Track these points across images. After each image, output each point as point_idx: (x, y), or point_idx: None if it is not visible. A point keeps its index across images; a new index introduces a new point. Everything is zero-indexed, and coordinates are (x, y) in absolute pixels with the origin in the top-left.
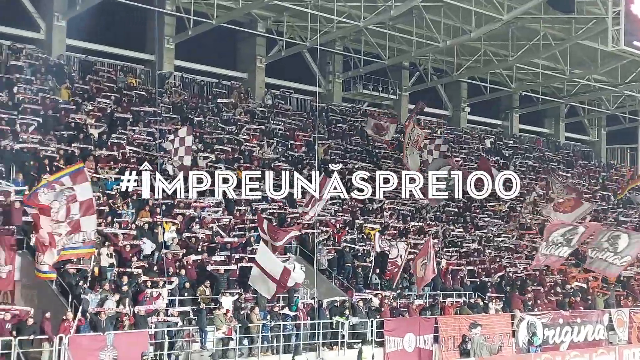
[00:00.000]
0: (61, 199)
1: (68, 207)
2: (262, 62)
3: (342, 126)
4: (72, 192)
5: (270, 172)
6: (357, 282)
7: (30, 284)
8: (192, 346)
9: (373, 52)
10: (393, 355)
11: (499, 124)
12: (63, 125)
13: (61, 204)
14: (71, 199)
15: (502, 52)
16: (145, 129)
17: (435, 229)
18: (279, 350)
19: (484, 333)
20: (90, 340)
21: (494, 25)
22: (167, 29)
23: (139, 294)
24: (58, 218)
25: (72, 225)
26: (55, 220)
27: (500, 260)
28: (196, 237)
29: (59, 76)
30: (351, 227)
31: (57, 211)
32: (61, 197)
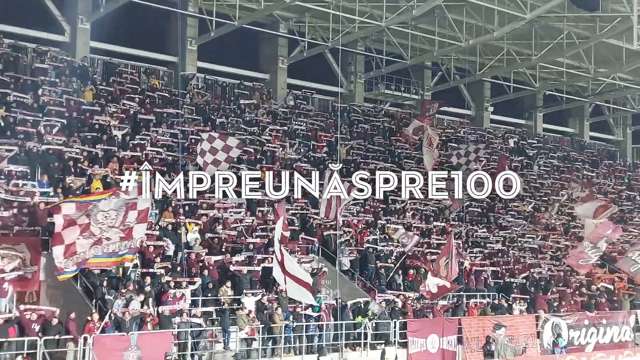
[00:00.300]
0: (121, 207)
1: (126, 214)
2: (284, 63)
3: (364, 126)
4: (134, 200)
5: (270, 173)
6: (380, 282)
7: (55, 284)
8: (215, 346)
9: (395, 52)
10: (416, 356)
11: (522, 123)
12: (87, 126)
13: (119, 212)
14: (131, 206)
15: (526, 51)
16: (168, 130)
17: (459, 229)
18: (301, 350)
19: (508, 334)
20: (114, 341)
21: (517, 24)
22: (190, 31)
23: (163, 295)
24: (115, 224)
25: (126, 232)
26: (111, 226)
27: (525, 261)
28: (219, 237)
29: (83, 78)
30: (373, 228)
31: (114, 218)
32: (121, 204)
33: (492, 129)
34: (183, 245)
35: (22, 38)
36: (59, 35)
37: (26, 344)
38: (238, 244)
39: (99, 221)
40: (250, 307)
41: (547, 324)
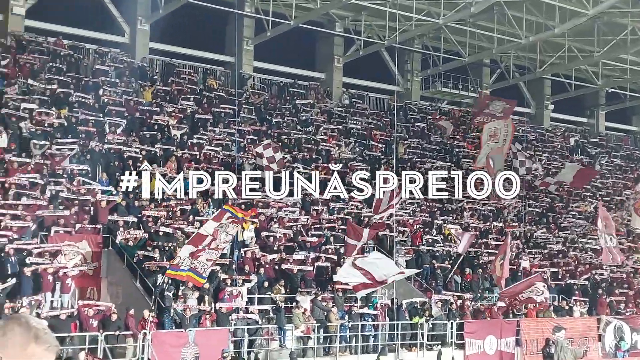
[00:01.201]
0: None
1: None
2: (340, 62)
3: (420, 125)
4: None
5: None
6: (437, 283)
7: (115, 280)
8: (271, 344)
9: (452, 49)
10: (473, 357)
11: (584, 121)
12: (146, 126)
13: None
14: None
15: (588, 48)
16: (225, 129)
17: (517, 229)
18: (357, 350)
19: (569, 337)
20: (172, 337)
21: (578, 20)
22: (246, 31)
23: (219, 292)
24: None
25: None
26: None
27: (586, 263)
28: (274, 236)
29: (142, 78)
30: (430, 228)
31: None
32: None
33: (553, 128)
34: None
35: (83, 39)
36: (118, 37)
37: (87, 339)
38: (293, 242)
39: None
40: (305, 305)
41: (609, 327)
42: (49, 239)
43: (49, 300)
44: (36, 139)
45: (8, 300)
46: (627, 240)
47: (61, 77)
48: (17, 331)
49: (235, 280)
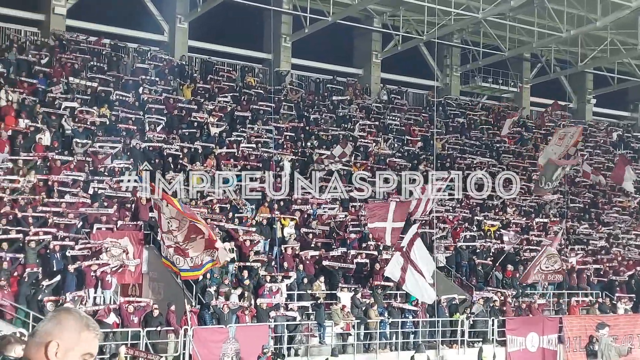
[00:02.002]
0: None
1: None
2: (378, 58)
3: (460, 120)
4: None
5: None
6: (478, 280)
7: (157, 277)
8: (311, 340)
9: (492, 43)
10: (515, 354)
11: (627, 115)
12: (186, 124)
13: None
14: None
15: (631, 41)
16: (263, 127)
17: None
18: (397, 347)
19: (612, 334)
20: (213, 333)
21: (621, 12)
22: (284, 28)
23: (259, 288)
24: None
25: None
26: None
27: (630, 259)
28: (313, 232)
29: (181, 77)
30: (470, 224)
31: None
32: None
33: (595, 122)
34: (278, 239)
35: (123, 38)
36: (158, 35)
37: (129, 335)
38: (332, 238)
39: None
40: (345, 302)
41: None
42: (92, 236)
43: (92, 296)
44: (78, 138)
45: (53, 296)
46: None
47: (102, 76)
48: (72, 319)
49: (275, 277)
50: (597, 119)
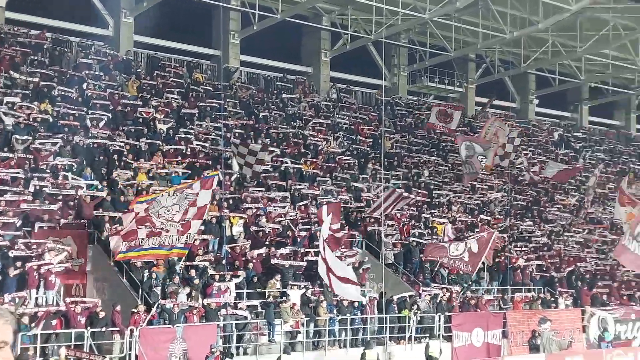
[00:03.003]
0: (183, 203)
1: (187, 210)
2: (327, 56)
3: (408, 120)
4: (194, 198)
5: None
6: (425, 276)
7: (101, 277)
8: (260, 339)
9: (439, 44)
10: (461, 350)
11: (568, 116)
12: (131, 120)
13: (182, 207)
14: (192, 203)
15: (571, 43)
16: (212, 124)
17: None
18: (346, 343)
19: (554, 328)
20: (160, 333)
21: (562, 15)
22: (233, 24)
23: (208, 288)
24: (174, 219)
25: (184, 226)
26: (170, 220)
27: (570, 255)
28: (263, 231)
29: (126, 72)
30: (417, 221)
31: (175, 213)
32: (184, 200)
33: (537, 122)
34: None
35: (66, 32)
36: (102, 30)
37: (73, 336)
38: (281, 237)
39: (160, 215)
40: (295, 300)
41: (593, 318)
42: (33, 235)
43: (33, 297)
44: (18, 134)
45: None
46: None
47: (44, 71)
48: None
49: (224, 276)
50: (539, 119)
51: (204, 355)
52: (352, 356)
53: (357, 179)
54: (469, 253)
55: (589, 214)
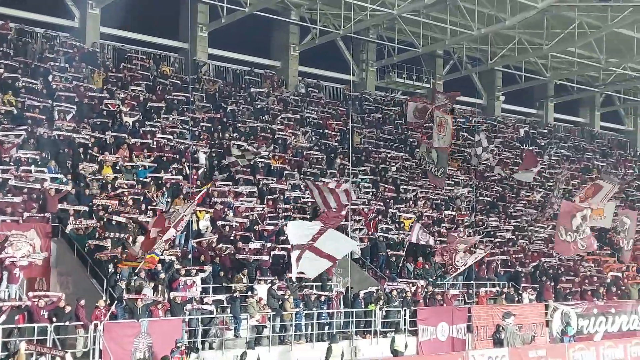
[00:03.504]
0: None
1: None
2: (296, 51)
3: (376, 115)
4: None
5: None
6: (391, 271)
7: (65, 270)
8: (225, 333)
9: (407, 40)
10: (426, 344)
11: (533, 113)
12: (97, 113)
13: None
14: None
15: (537, 41)
16: (179, 117)
17: (469, 218)
18: (312, 338)
19: (518, 323)
20: (125, 327)
21: (528, 13)
22: (201, 17)
23: (174, 282)
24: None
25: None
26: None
27: (534, 250)
28: (230, 225)
29: (92, 64)
30: (384, 216)
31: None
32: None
33: (503, 119)
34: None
35: (31, 23)
36: (68, 21)
37: (36, 331)
38: (249, 231)
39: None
40: (262, 294)
41: (556, 313)
42: None
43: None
44: None
45: None
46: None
47: (7, 62)
48: None
49: (190, 270)
50: (505, 115)
51: (169, 350)
52: (318, 350)
53: (325, 173)
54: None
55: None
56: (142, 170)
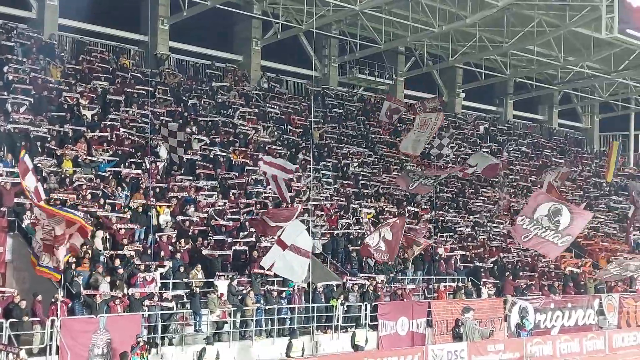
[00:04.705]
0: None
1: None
2: (258, 45)
3: (338, 111)
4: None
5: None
6: (352, 266)
7: (21, 265)
8: (186, 329)
9: (369, 36)
10: (386, 338)
11: (493, 110)
12: (55, 106)
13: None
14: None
15: (497, 38)
16: (139, 110)
17: (429, 214)
18: (273, 333)
19: (477, 317)
20: (82, 323)
21: (489, 11)
22: (162, 10)
23: (132, 277)
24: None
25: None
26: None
27: (493, 246)
28: (190, 220)
29: (50, 56)
30: (346, 212)
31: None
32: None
33: (464, 115)
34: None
35: None
36: (26, 12)
37: None
38: (210, 227)
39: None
40: (222, 290)
41: (514, 308)
42: None
43: None
44: None
45: None
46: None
47: None
48: None
49: (149, 266)
50: (465, 112)
51: (128, 346)
52: (278, 346)
53: None
54: (385, 242)
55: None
56: (102, 165)
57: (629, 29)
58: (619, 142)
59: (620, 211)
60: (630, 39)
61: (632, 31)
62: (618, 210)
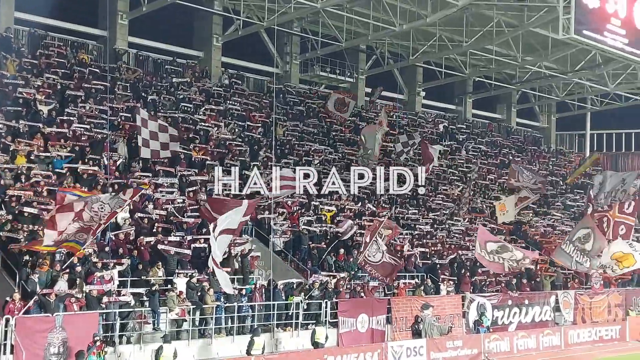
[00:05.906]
0: (114, 206)
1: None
2: (219, 41)
3: (299, 108)
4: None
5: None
6: (313, 263)
7: None
8: (144, 327)
9: (330, 34)
10: (346, 335)
11: (452, 108)
12: (10, 100)
13: (112, 209)
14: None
15: (457, 38)
16: (97, 106)
17: (389, 211)
18: (233, 331)
19: (436, 314)
20: (38, 322)
21: (449, 10)
22: (121, 4)
23: (90, 276)
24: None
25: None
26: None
27: (452, 243)
28: (149, 217)
29: (6, 50)
30: (307, 209)
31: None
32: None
33: (424, 114)
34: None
35: None
36: None
37: None
38: (169, 224)
39: (93, 209)
40: (181, 287)
41: (473, 304)
42: None
43: None
44: None
45: None
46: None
47: None
48: None
49: (107, 264)
50: (425, 110)
51: (84, 344)
52: (238, 344)
53: (248, 166)
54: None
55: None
56: (58, 160)
57: (585, 30)
58: (599, 156)
59: (576, 209)
60: (586, 39)
61: (588, 32)
62: (574, 209)
